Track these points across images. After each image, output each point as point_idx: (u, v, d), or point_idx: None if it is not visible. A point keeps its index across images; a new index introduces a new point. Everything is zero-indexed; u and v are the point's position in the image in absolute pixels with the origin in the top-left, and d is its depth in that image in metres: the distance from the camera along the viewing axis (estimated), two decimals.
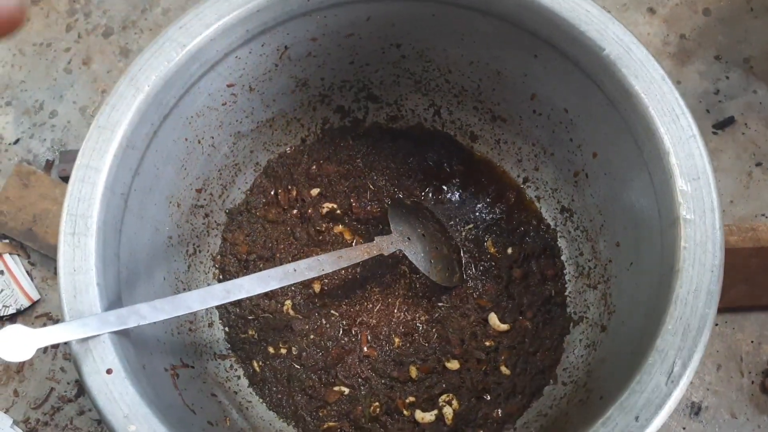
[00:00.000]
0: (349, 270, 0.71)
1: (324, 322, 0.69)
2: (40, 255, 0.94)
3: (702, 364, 0.87)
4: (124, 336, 0.50)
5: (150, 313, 0.50)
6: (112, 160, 0.53)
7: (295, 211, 0.73)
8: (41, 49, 1.06)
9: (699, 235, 0.48)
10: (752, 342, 0.88)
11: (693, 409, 0.85)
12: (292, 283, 0.58)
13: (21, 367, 0.89)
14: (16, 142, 1.01)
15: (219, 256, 0.71)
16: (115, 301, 0.51)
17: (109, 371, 0.46)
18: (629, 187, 0.57)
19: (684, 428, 0.84)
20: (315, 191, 0.73)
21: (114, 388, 0.46)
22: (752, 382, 0.86)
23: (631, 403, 0.44)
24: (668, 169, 0.50)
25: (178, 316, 0.63)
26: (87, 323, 0.47)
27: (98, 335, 0.47)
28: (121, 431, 0.45)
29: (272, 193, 0.73)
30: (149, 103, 0.55)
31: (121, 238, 0.54)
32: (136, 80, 0.55)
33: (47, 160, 0.99)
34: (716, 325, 0.89)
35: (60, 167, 0.97)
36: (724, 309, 0.89)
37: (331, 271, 0.61)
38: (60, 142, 1.01)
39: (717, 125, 1.00)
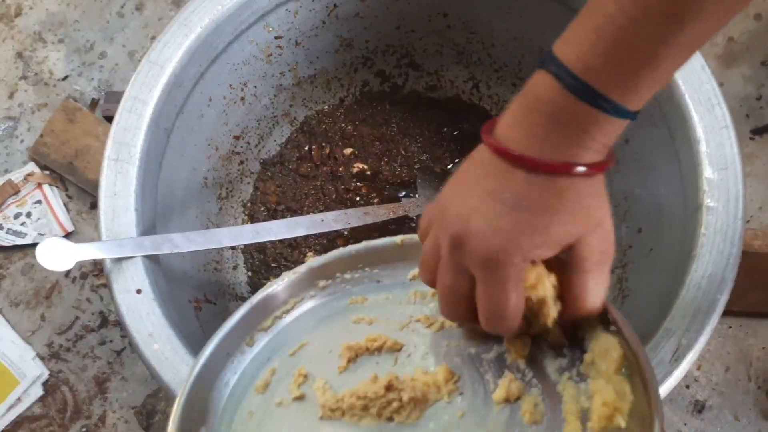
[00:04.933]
0: (373, 231, 0.73)
1: None
2: (78, 189, 0.97)
3: (711, 364, 0.88)
4: (155, 262, 0.52)
5: (183, 243, 0.52)
6: (160, 95, 0.55)
7: (326, 168, 0.75)
8: None
9: (720, 223, 0.48)
10: (764, 348, 0.88)
11: (697, 406, 0.86)
12: (318, 232, 0.60)
13: (49, 293, 0.93)
14: (65, 78, 1.04)
15: (249, 203, 0.73)
16: (150, 228, 0.54)
17: (138, 291, 0.49)
18: (657, 173, 0.58)
19: (685, 424, 0.85)
20: (348, 150, 0.75)
21: (142, 308, 0.48)
22: (758, 387, 0.87)
23: None
24: (697, 158, 0.51)
25: (206, 255, 0.66)
26: (123, 244, 0.49)
27: (132, 257, 0.50)
28: (145, 348, 0.47)
29: (306, 148, 0.75)
30: (199, 45, 0.57)
31: (160, 171, 0.57)
32: (189, 21, 0.57)
33: (93, 99, 1.03)
34: (729, 327, 0.89)
35: (104, 107, 1.00)
36: (739, 313, 0.90)
37: (356, 225, 0.63)
38: (107, 82, 1.04)
39: (755, 131, 0.99)
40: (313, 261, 0.46)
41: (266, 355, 0.44)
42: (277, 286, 0.46)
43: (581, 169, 0.35)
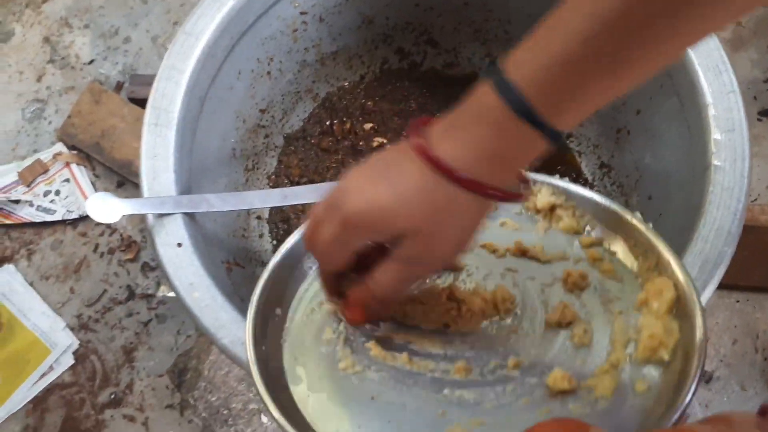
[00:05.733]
0: None
1: None
2: (104, 168, 1.00)
3: (719, 336, 0.90)
4: (192, 220, 0.55)
5: (217, 202, 0.55)
6: (195, 65, 0.58)
7: (347, 143, 0.78)
8: None
9: (727, 181, 0.51)
10: None
11: (704, 377, 0.88)
12: None
13: (78, 267, 0.97)
14: (91, 62, 1.08)
15: (274, 176, 0.77)
16: (186, 190, 0.57)
17: (179, 245, 0.52)
18: (666, 140, 0.61)
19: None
20: (368, 125, 0.78)
21: (183, 259, 0.51)
22: (765, 359, 0.89)
23: None
24: (706, 121, 0.54)
25: (235, 221, 0.69)
26: (164, 201, 0.52)
27: (172, 214, 0.53)
28: (187, 296, 0.50)
29: (328, 123, 0.78)
30: (231, 18, 0.60)
31: (195, 137, 0.60)
32: None
33: (118, 82, 1.06)
34: (737, 302, 0.92)
35: (129, 89, 1.04)
36: (747, 288, 0.92)
37: None
38: (131, 66, 1.07)
39: (762, 112, 1.02)
40: None
41: None
42: None
43: (489, 190, 0.37)
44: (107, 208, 0.49)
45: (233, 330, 0.49)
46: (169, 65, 0.57)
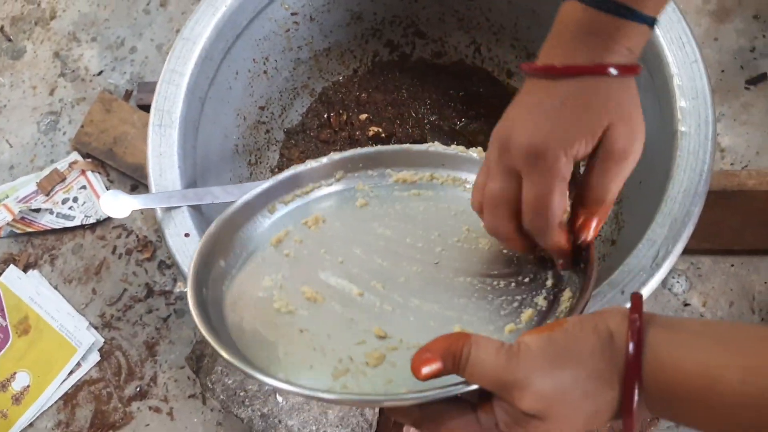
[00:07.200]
0: None
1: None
2: (118, 173, 1.05)
3: (715, 300, 0.93)
4: (198, 212, 0.60)
5: (221, 194, 0.60)
6: (194, 67, 0.62)
7: (344, 133, 0.82)
8: None
9: (693, 145, 0.54)
10: (765, 283, 0.94)
11: None
12: None
13: (98, 269, 1.02)
14: (100, 73, 1.13)
15: (277, 169, 0.81)
16: (191, 185, 0.61)
17: (186, 235, 0.56)
18: (642, 110, 0.64)
19: None
20: (363, 116, 0.82)
21: (190, 248, 0.56)
22: (762, 319, 0.92)
23: (619, 280, 0.51)
24: (672, 90, 0.57)
25: None
26: (172, 195, 0.57)
27: (179, 207, 0.57)
28: None
29: (325, 116, 0.82)
30: (225, 22, 0.64)
31: (197, 135, 0.64)
32: (215, 1, 0.64)
33: (126, 90, 1.11)
34: (732, 266, 0.95)
35: (138, 97, 1.09)
36: (741, 252, 0.95)
37: None
38: (138, 74, 1.12)
39: (750, 81, 1.04)
40: (334, 154, 0.58)
41: (284, 221, 0.56)
42: (301, 169, 0.58)
43: (613, 70, 0.40)
44: (119, 203, 0.54)
45: None
46: (169, 69, 0.62)
